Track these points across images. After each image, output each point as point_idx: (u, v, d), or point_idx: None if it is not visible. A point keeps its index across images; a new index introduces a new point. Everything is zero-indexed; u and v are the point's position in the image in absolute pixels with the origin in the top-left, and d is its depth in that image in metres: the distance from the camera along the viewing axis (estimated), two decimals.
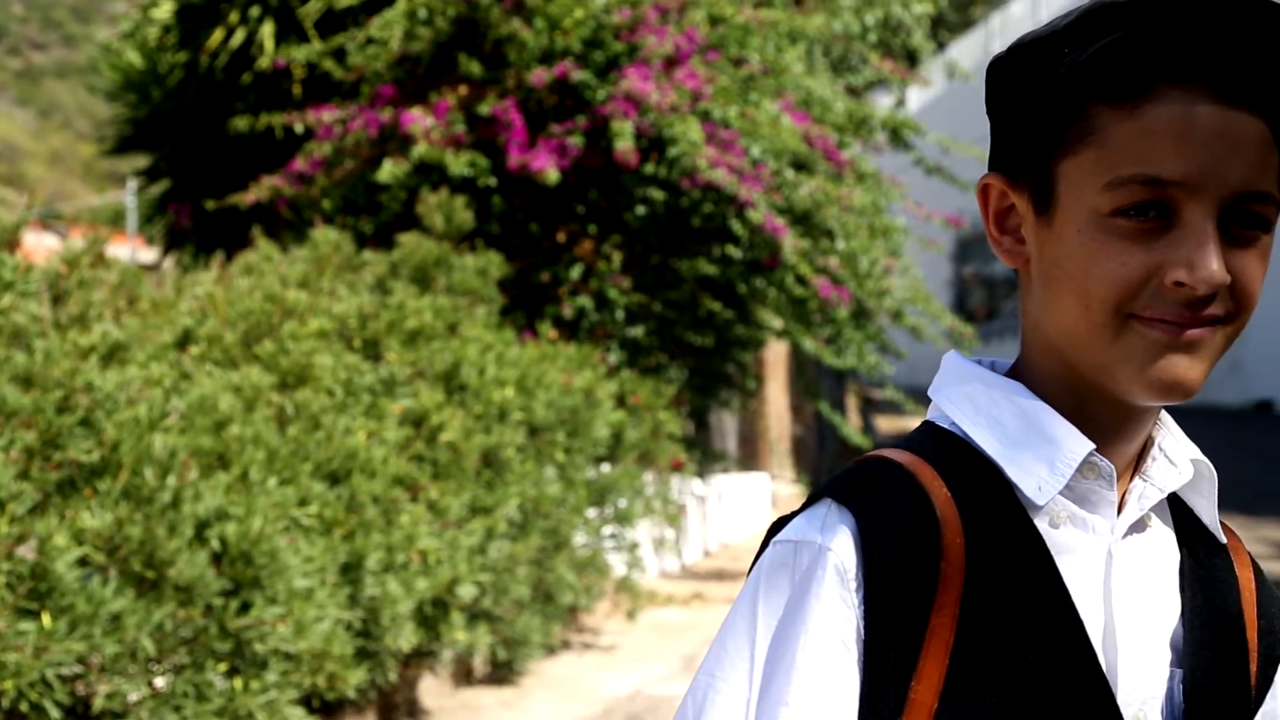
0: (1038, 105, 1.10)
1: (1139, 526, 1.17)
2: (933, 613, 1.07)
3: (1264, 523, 11.51)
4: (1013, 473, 1.12)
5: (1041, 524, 1.12)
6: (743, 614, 1.13)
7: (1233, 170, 1.05)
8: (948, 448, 1.14)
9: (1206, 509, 1.19)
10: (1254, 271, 1.08)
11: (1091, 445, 1.12)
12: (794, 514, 1.16)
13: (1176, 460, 1.18)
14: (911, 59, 12.19)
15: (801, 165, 9.17)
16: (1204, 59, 1.05)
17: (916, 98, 27.90)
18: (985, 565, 1.09)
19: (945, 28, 32.26)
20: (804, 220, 9.14)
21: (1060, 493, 1.13)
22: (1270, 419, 23.82)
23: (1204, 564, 1.19)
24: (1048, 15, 31.12)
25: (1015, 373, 1.18)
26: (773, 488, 13.30)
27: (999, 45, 32.45)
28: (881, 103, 14.01)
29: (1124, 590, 1.15)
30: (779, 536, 1.14)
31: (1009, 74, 1.14)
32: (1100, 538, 1.14)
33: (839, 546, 1.09)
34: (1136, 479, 1.17)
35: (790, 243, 8.79)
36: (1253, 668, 1.19)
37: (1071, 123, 1.08)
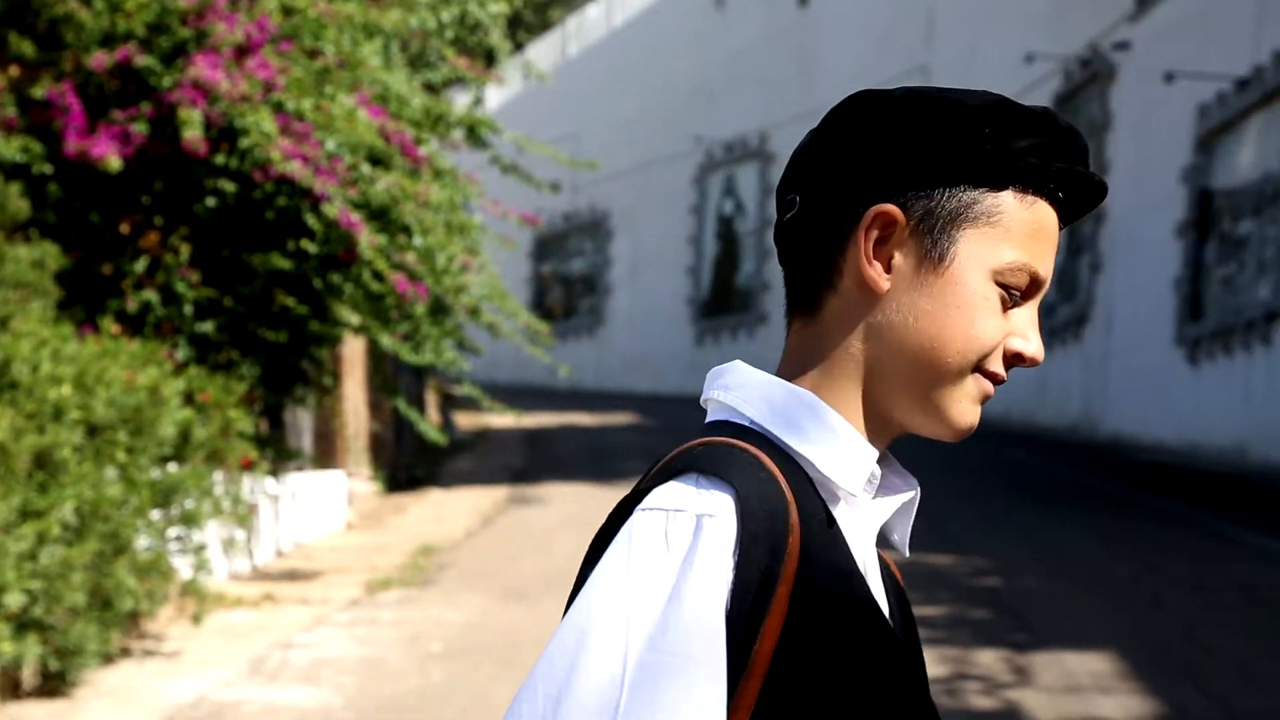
0: (958, 171, 1.22)
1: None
2: (779, 583, 1.16)
3: None
4: (823, 466, 1.22)
5: (837, 513, 1.24)
6: (610, 583, 1.15)
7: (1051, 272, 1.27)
8: (761, 441, 1.23)
9: (901, 525, 1.31)
10: None
11: (876, 453, 1.26)
12: (642, 490, 1.19)
13: (906, 477, 1.32)
14: (489, 58, 12.30)
15: (378, 160, 9.12)
16: (1067, 178, 1.25)
17: (494, 96, 28.15)
18: (810, 544, 1.18)
19: (523, 28, 32.69)
20: (381, 216, 9.09)
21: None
22: None
23: (884, 569, 1.34)
24: (622, 20, 32.00)
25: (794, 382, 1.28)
26: (350, 485, 13.16)
27: (575, 47, 33.12)
28: (460, 100, 14.07)
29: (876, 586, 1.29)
30: (648, 504, 1.17)
31: (916, 123, 1.23)
32: (868, 535, 1.28)
33: (720, 514, 1.15)
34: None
35: (367, 238, 8.72)
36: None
37: (986, 199, 1.22)
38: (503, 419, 17.64)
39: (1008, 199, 1.22)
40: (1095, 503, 12.76)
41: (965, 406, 1.24)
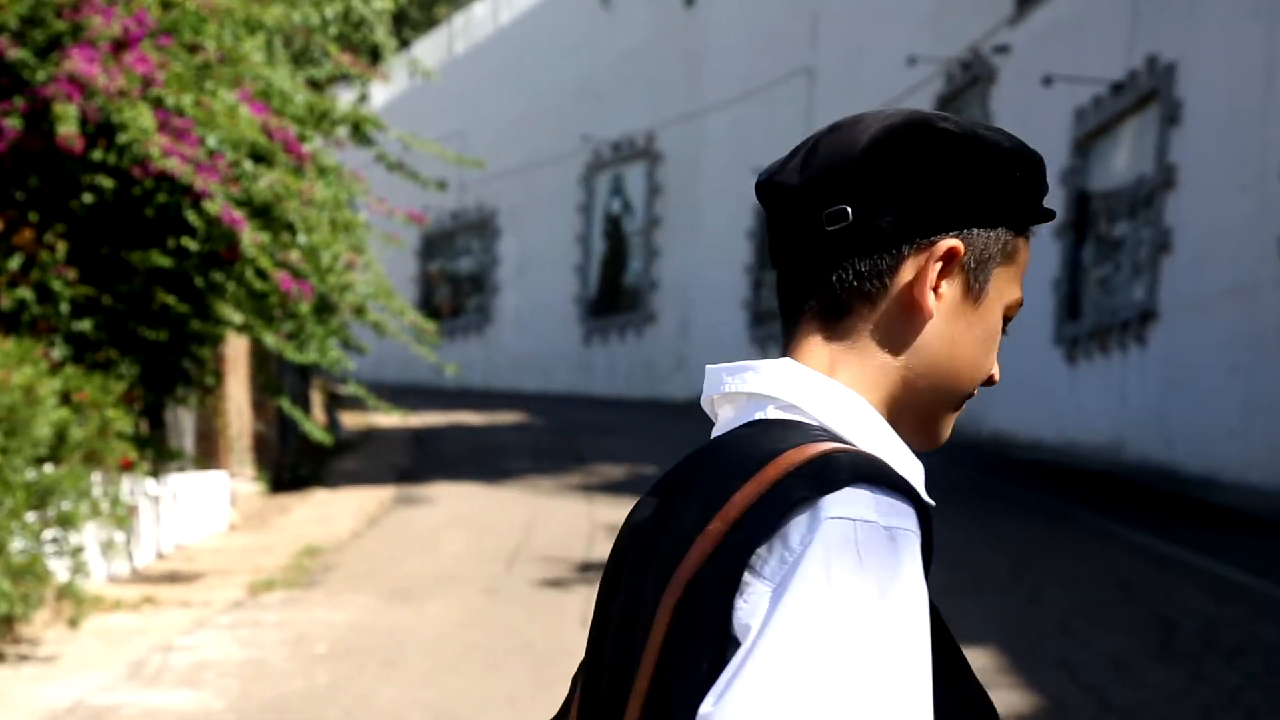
0: (1003, 213, 1.29)
1: None
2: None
3: None
4: (908, 475, 1.23)
5: None
6: (854, 598, 1.10)
7: None
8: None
9: None
10: None
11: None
12: (799, 499, 1.14)
13: None
14: (374, 55, 12.20)
15: (261, 157, 9.01)
16: (1050, 220, 1.35)
17: (380, 94, 27.95)
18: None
19: (409, 25, 32.49)
20: (264, 213, 8.99)
21: None
22: None
23: None
24: (509, 18, 31.92)
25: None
26: (233, 486, 12.99)
27: (461, 45, 32.98)
28: (345, 98, 13.95)
29: None
30: (854, 515, 1.14)
31: (976, 164, 1.28)
32: None
33: (910, 526, 1.16)
34: None
35: (249, 236, 8.62)
36: None
37: (1013, 240, 1.30)
38: (389, 418, 17.51)
39: (1021, 240, 1.32)
40: (976, 500, 12.97)
41: (950, 425, 1.34)
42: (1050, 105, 18.08)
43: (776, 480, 1.16)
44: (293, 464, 16.03)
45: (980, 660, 7.03)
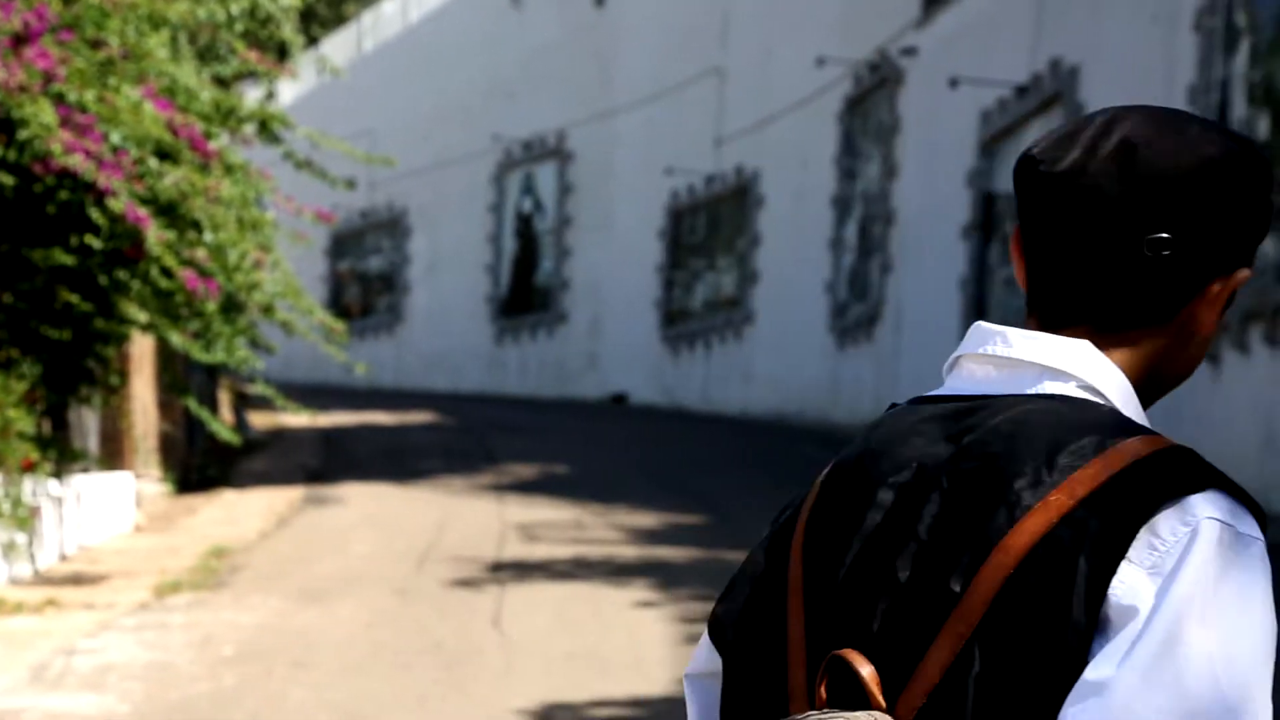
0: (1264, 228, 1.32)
1: None
2: None
3: (614, 509, 12.28)
4: None
5: None
6: (1234, 595, 1.18)
7: None
8: None
9: None
10: None
11: None
12: (1167, 493, 1.19)
13: None
14: (282, 52, 12.10)
15: (166, 154, 8.92)
16: None
17: (288, 91, 27.70)
18: None
19: (317, 22, 32.23)
20: (169, 211, 8.91)
21: None
22: (625, 409, 25.45)
23: None
24: (418, 16, 31.76)
25: None
26: (138, 487, 12.83)
27: (370, 43, 32.79)
28: (252, 95, 13.82)
29: None
30: (1223, 518, 1.19)
31: (1268, 191, 1.31)
32: None
33: (1263, 541, 1.22)
34: None
35: (155, 234, 8.53)
36: None
37: None
38: (298, 418, 17.36)
39: None
40: None
41: None
42: (957, 107, 18.31)
43: (1128, 466, 1.20)
44: (200, 464, 15.86)
45: None
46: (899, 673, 1.21)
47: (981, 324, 1.32)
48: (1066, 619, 1.17)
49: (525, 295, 29.74)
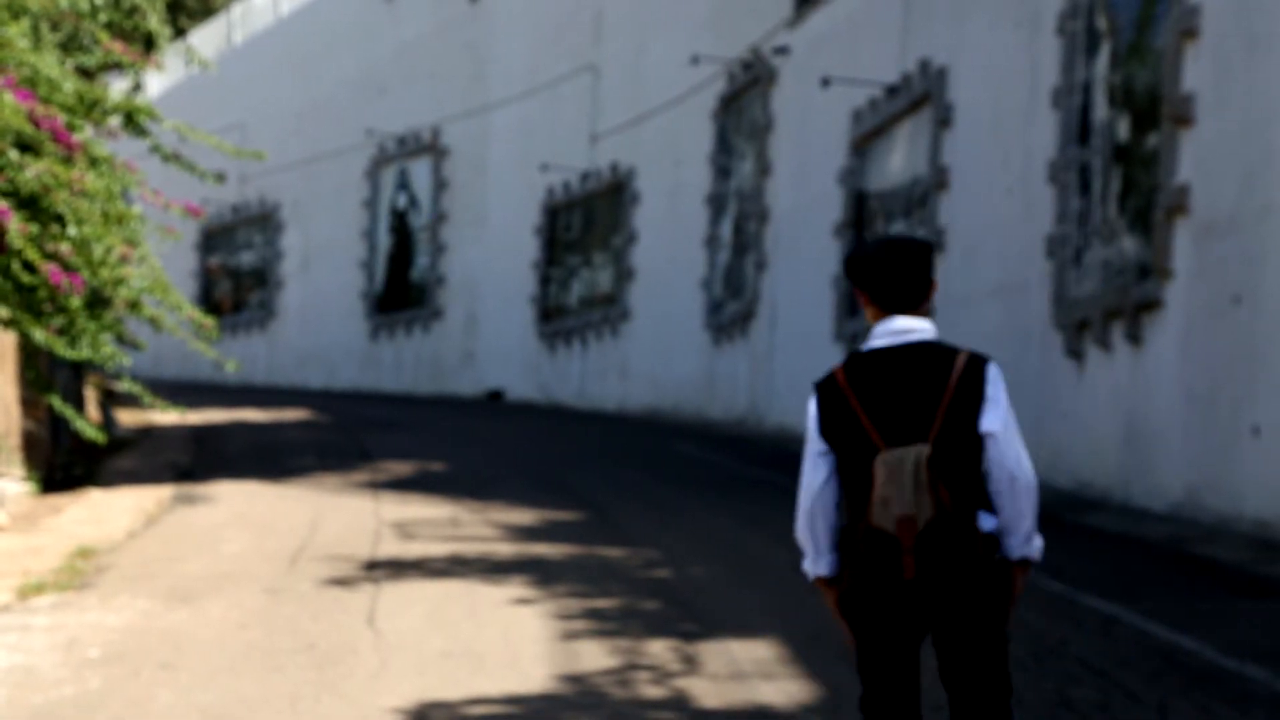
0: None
1: None
2: None
3: (491, 506, 12.24)
4: None
5: None
6: (1004, 389, 4.10)
7: None
8: None
9: None
10: None
11: None
12: (983, 362, 4.05)
13: None
14: (148, 43, 11.87)
15: (27, 146, 8.72)
16: None
17: (156, 83, 27.22)
18: None
19: (185, 13, 31.70)
20: (31, 204, 8.71)
21: None
22: (501, 405, 25.38)
23: None
24: (289, 9, 31.37)
25: None
26: (0, 486, 12.52)
27: (241, 35, 32.32)
28: (118, 86, 13.55)
29: None
30: (996, 366, 4.06)
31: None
32: None
33: None
34: None
35: (16, 227, 8.33)
36: None
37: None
38: (168, 416, 17.07)
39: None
40: (759, 494, 13.21)
41: None
42: (829, 106, 18.50)
43: (971, 354, 3.98)
44: (65, 463, 15.52)
45: (765, 652, 7.18)
46: (923, 427, 3.90)
47: (897, 322, 4.02)
48: (979, 396, 3.94)
49: (401, 291, 29.52)
